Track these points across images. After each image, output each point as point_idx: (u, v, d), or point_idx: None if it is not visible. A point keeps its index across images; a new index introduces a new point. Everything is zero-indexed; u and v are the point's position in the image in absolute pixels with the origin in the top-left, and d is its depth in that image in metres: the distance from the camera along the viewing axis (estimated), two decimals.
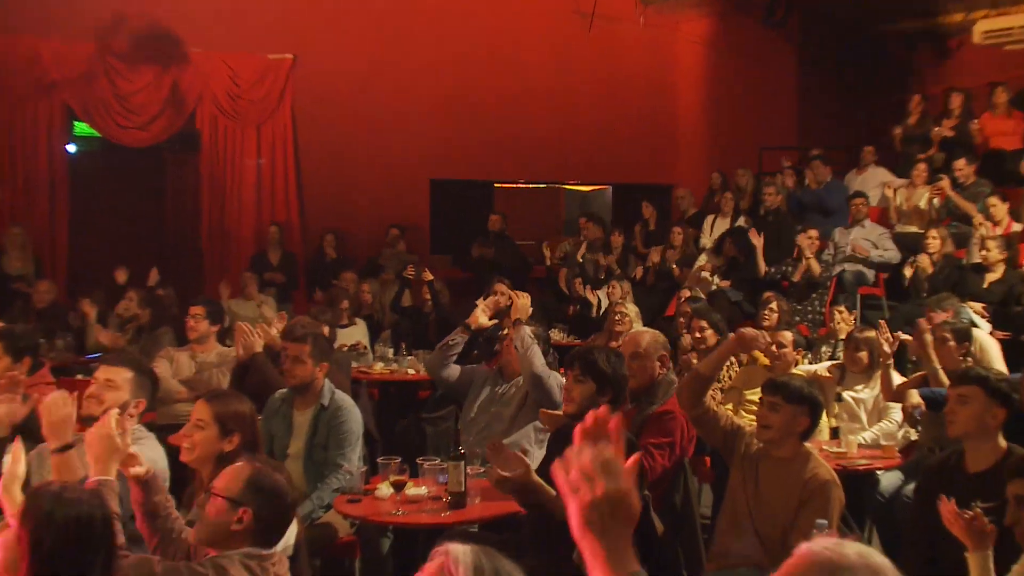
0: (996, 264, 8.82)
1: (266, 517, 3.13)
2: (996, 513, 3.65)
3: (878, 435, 6.30)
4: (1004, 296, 8.61)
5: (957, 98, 11.81)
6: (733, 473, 4.48)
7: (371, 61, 13.40)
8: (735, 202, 12.00)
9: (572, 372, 4.59)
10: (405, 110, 13.53)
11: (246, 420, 3.97)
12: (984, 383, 4.20)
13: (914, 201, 10.88)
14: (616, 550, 1.75)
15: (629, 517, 1.77)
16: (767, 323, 8.16)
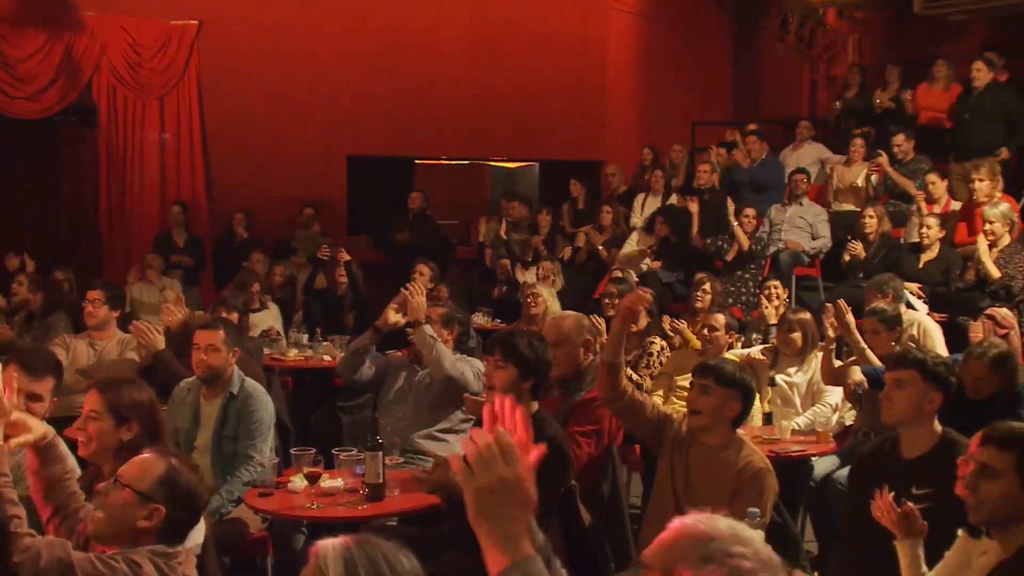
0: (934, 243, 9.02)
1: (177, 518, 3.10)
2: (931, 499, 3.75)
3: (812, 420, 6.41)
4: (941, 276, 8.82)
5: (893, 71, 12.06)
6: (662, 462, 4.53)
7: (284, 29, 13.22)
8: (666, 180, 12.10)
9: (492, 358, 4.59)
10: (320, 82, 13.39)
11: (144, 407, 3.91)
12: (921, 367, 4.25)
13: (850, 178, 11.08)
14: (510, 536, 1.83)
15: (524, 503, 1.85)
16: (699, 305, 8.28)
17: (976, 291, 8.42)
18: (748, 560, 1.83)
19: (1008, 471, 3.00)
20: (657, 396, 6.85)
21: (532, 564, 1.83)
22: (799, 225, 10.46)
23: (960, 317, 8.16)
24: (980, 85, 10.52)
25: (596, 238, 11.63)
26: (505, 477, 1.84)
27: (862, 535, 4.15)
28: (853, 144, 11.13)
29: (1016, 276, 8.32)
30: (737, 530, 1.88)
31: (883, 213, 9.82)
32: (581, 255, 11.61)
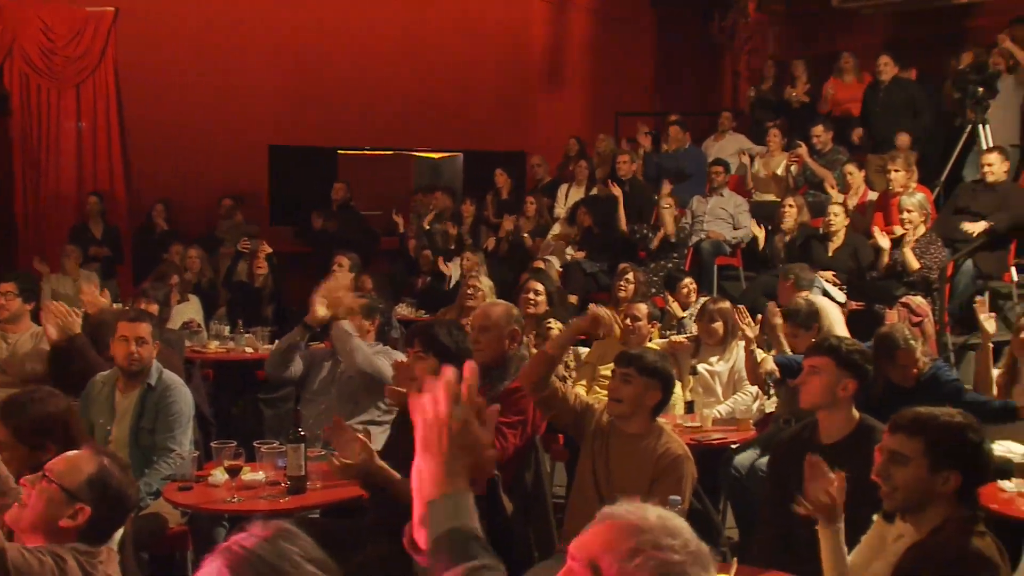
0: (840, 230, 9.18)
1: (102, 519, 3.05)
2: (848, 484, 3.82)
3: (733, 408, 6.50)
4: (849, 263, 8.98)
5: (799, 64, 12.25)
6: (583, 451, 4.57)
7: (203, 16, 13.04)
8: (590, 170, 12.16)
9: (412, 349, 4.58)
10: (242, 71, 13.23)
11: (54, 421, 3.81)
12: (835, 354, 4.33)
13: (771, 168, 11.24)
14: (451, 470, 1.88)
15: (472, 445, 1.90)
16: (623, 294, 8.34)
17: (892, 280, 8.59)
18: (677, 553, 1.82)
19: (917, 456, 3.06)
20: (580, 386, 6.90)
21: (463, 498, 1.87)
22: (720, 216, 10.59)
23: (876, 305, 8.31)
24: (886, 79, 10.73)
25: (525, 224, 11.65)
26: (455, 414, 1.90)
27: (782, 521, 4.21)
28: (770, 135, 11.30)
29: (932, 267, 8.49)
30: (667, 521, 1.87)
31: (802, 203, 9.98)
32: (504, 245, 11.62)
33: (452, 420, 1.90)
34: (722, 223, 10.56)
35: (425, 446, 1.91)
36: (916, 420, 3.12)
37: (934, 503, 3.08)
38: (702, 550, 1.86)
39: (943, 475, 3.05)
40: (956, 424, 3.10)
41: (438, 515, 1.86)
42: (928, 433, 3.08)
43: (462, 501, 1.88)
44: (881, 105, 10.72)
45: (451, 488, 1.87)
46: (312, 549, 1.98)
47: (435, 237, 11.85)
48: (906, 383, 5.65)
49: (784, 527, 4.20)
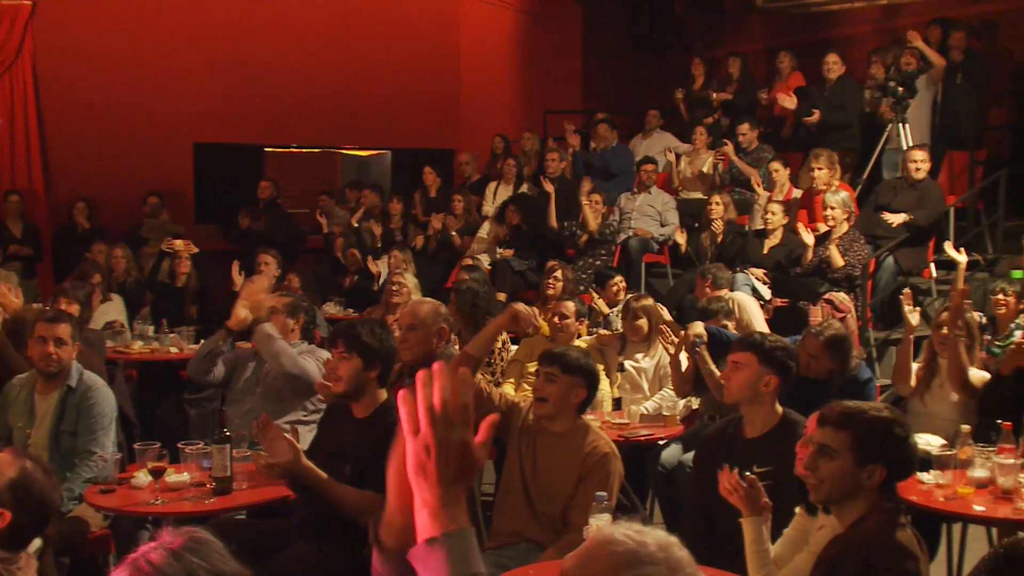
0: (777, 229, 9.30)
1: (23, 524, 2.99)
2: (771, 477, 3.87)
3: (660, 404, 6.55)
4: (783, 261, 9.10)
5: (735, 62, 12.38)
6: (510, 450, 4.58)
7: (126, 9, 12.81)
8: (519, 168, 12.18)
9: (336, 350, 4.56)
10: (166, 65, 13.03)
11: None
12: (758, 350, 4.39)
13: (697, 166, 11.34)
14: (447, 501, 1.72)
15: (470, 468, 1.75)
16: (551, 292, 8.37)
17: (815, 276, 8.72)
18: None
19: (844, 450, 3.11)
20: (508, 384, 6.91)
21: (465, 536, 1.72)
22: (648, 213, 10.67)
23: (800, 302, 8.43)
24: (833, 77, 10.89)
25: (452, 223, 11.63)
26: (453, 437, 1.73)
27: (707, 514, 4.26)
28: (696, 133, 11.41)
29: (855, 264, 8.63)
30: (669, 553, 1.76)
31: (728, 201, 10.08)
32: (433, 243, 11.60)
33: (453, 441, 1.73)
34: (649, 220, 10.64)
35: (421, 471, 1.73)
36: (844, 414, 3.16)
37: (858, 496, 3.12)
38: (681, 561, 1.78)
39: (869, 469, 3.10)
40: (883, 419, 3.15)
41: (444, 556, 1.69)
42: (856, 427, 3.13)
43: (468, 540, 1.72)
44: (824, 103, 10.87)
45: (453, 524, 1.70)
46: (222, 560, 1.87)
47: (363, 235, 11.78)
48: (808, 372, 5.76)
49: (709, 520, 4.25)
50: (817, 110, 10.82)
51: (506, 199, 11.59)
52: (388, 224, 12.09)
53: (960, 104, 10.33)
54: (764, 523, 3.52)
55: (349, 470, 4.32)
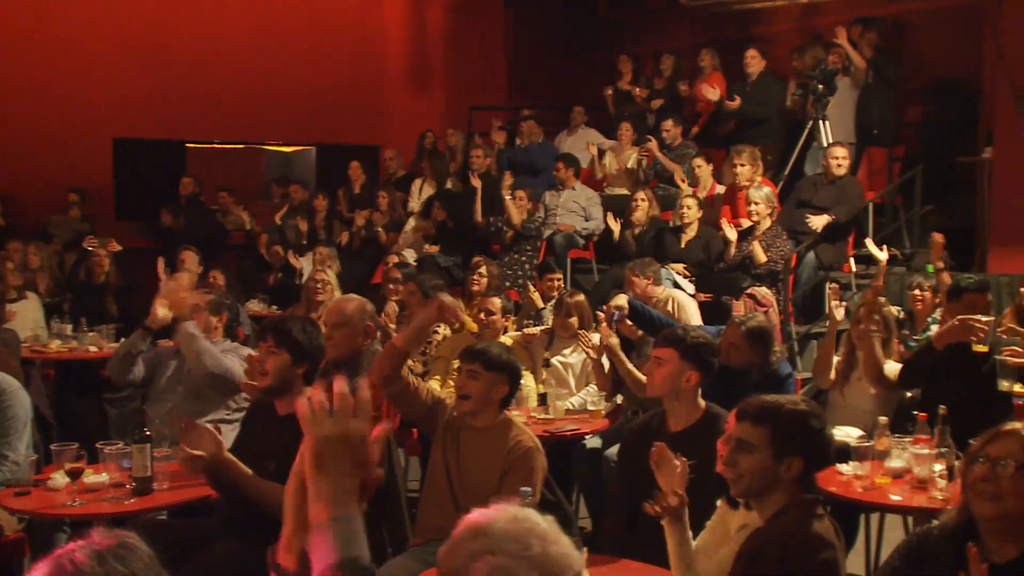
0: (693, 223, 9.40)
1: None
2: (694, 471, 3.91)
3: (585, 399, 6.58)
4: (700, 255, 9.20)
5: (668, 60, 12.47)
6: (435, 445, 4.57)
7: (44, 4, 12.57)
8: (445, 164, 12.16)
9: (265, 344, 4.52)
10: (85, 58, 12.80)
11: None
12: (680, 345, 4.44)
13: (622, 162, 11.41)
14: (342, 490, 1.84)
15: (363, 462, 1.88)
16: (476, 288, 8.37)
17: (738, 271, 8.82)
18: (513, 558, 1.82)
19: (762, 444, 3.14)
20: (434, 380, 6.90)
21: (352, 521, 1.83)
22: (573, 209, 10.71)
23: (723, 296, 8.52)
24: (753, 73, 11.03)
25: (378, 219, 11.58)
26: (353, 430, 1.87)
27: (631, 509, 4.29)
28: (621, 129, 11.48)
29: (777, 259, 8.75)
30: (514, 527, 1.85)
31: (652, 197, 10.16)
32: (358, 240, 11.54)
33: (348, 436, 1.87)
34: (574, 216, 10.68)
35: (318, 463, 1.86)
36: (762, 409, 3.20)
37: (777, 489, 3.16)
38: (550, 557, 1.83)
39: (787, 462, 3.13)
40: (800, 412, 3.19)
41: (330, 539, 1.82)
42: (774, 421, 3.16)
43: (354, 526, 1.84)
44: (745, 99, 11.01)
45: (342, 511, 1.83)
46: (147, 569, 1.86)
47: (287, 232, 11.69)
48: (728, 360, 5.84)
49: (633, 515, 4.28)
50: (738, 96, 10.97)
51: (432, 195, 11.58)
52: (313, 221, 12.00)
53: (876, 102, 10.52)
54: (686, 527, 3.55)
55: (273, 467, 4.28)
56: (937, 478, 4.48)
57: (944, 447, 4.62)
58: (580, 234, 10.57)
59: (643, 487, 3.71)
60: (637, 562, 3.85)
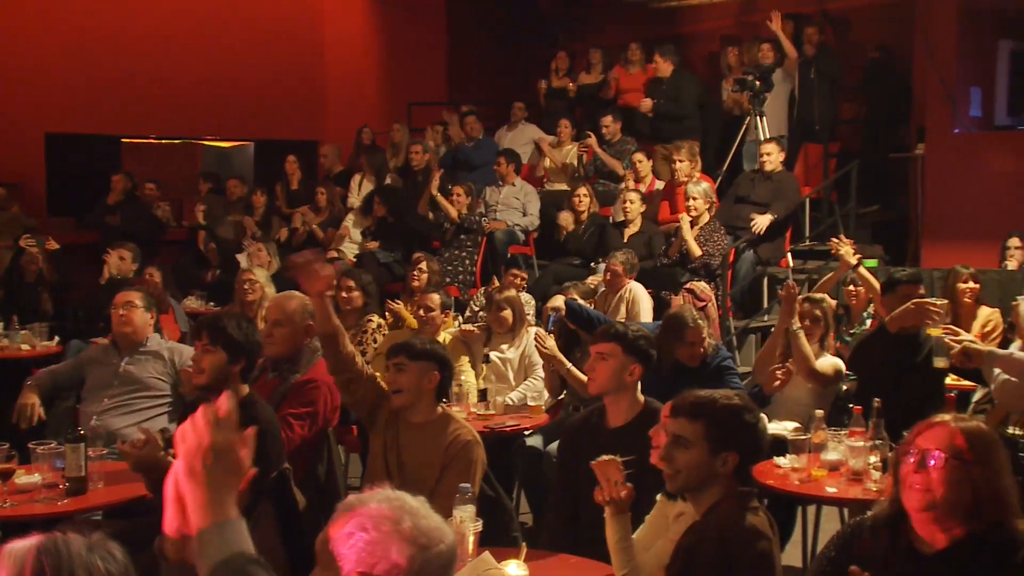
0: (636, 218, 9.46)
1: None
2: (634, 466, 3.93)
3: (525, 394, 6.59)
4: (642, 250, 9.25)
5: (596, 54, 12.53)
6: (374, 442, 4.56)
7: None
8: (383, 160, 12.12)
9: (200, 342, 4.47)
10: (15, 51, 12.57)
11: None
12: (622, 340, 4.45)
13: (562, 158, 11.45)
14: (218, 498, 1.92)
15: (235, 470, 1.96)
16: (416, 284, 8.35)
17: (677, 267, 8.89)
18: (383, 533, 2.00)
19: (698, 439, 3.17)
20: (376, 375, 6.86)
21: (234, 526, 1.91)
22: (513, 205, 10.73)
23: (663, 291, 8.58)
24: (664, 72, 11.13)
25: (312, 218, 11.52)
26: (216, 441, 1.94)
27: (571, 504, 4.31)
28: (560, 125, 11.51)
29: (715, 254, 8.83)
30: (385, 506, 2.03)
31: (592, 192, 10.21)
32: (298, 236, 11.47)
33: (216, 446, 1.94)
34: (514, 212, 10.70)
35: (190, 473, 1.93)
36: (696, 404, 3.22)
37: (713, 483, 3.19)
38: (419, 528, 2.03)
39: (722, 456, 3.16)
40: (734, 407, 3.22)
41: (210, 546, 1.89)
42: (708, 416, 3.19)
43: (234, 529, 1.91)
44: (665, 96, 11.08)
45: (221, 516, 1.91)
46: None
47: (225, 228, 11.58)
48: (692, 362, 5.90)
49: (573, 510, 4.30)
50: (651, 99, 11.07)
51: (372, 191, 11.53)
52: (252, 217, 11.90)
53: (814, 98, 10.64)
54: (628, 519, 3.57)
55: None
56: (871, 470, 4.55)
57: (878, 439, 4.70)
58: (523, 230, 10.59)
59: (583, 483, 3.73)
60: (577, 557, 3.87)
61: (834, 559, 2.95)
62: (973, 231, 9.69)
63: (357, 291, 7.36)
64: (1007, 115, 10.97)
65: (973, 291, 7.19)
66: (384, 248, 10.69)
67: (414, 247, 10.08)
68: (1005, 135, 10.66)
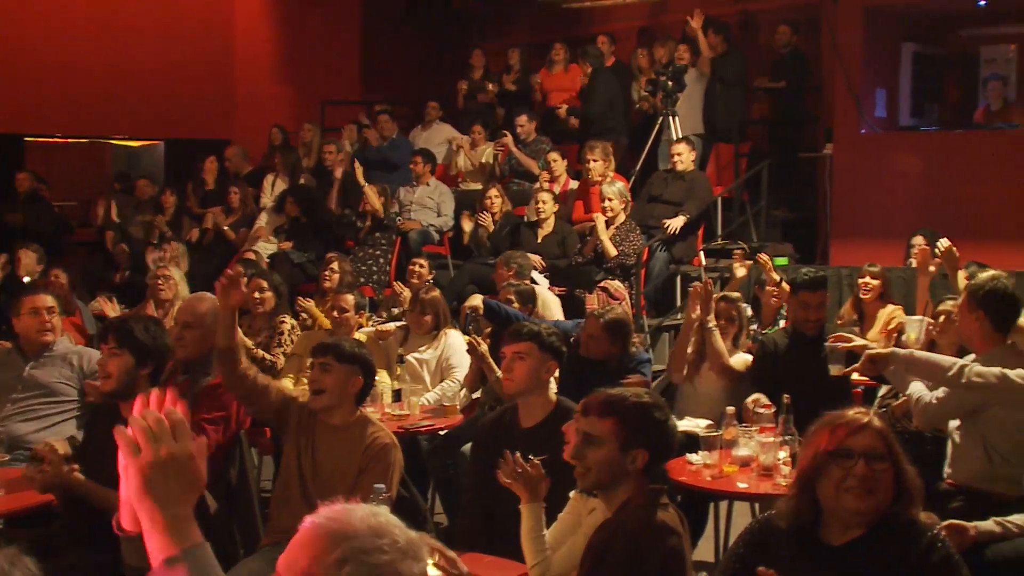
0: (549, 217, 9.50)
1: None
2: (547, 465, 3.95)
3: (441, 395, 6.59)
4: (556, 250, 9.30)
5: (514, 54, 12.57)
6: (287, 445, 4.51)
7: None
8: (297, 159, 12.02)
9: (107, 346, 4.39)
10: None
11: None
12: (537, 338, 4.48)
13: (476, 158, 11.45)
14: (177, 518, 1.76)
15: (193, 483, 1.80)
16: (328, 284, 8.30)
17: (592, 266, 8.95)
18: (386, 553, 1.76)
19: (608, 437, 3.19)
20: (288, 379, 6.81)
21: (202, 551, 1.76)
22: (427, 205, 10.72)
23: (577, 290, 8.64)
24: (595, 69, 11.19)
25: (223, 219, 11.37)
26: (175, 453, 1.78)
27: (486, 504, 4.31)
28: (476, 125, 11.52)
29: (630, 253, 8.90)
30: (373, 523, 1.79)
31: (503, 192, 10.24)
32: (209, 236, 11.32)
33: (174, 457, 1.79)
34: (429, 212, 10.69)
35: (146, 491, 1.77)
36: (606, 402, 3.25)
37: (624, 480, 3.21)
38: (412, 542, 1.80)
39: (632, 454, 3.19)
40: (643, 404, 3.25)
41: (183, 574, 1.73)
42: (618, 414, 3.21)
43: (204, 554, 1.76)
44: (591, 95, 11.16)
45: (187, 542, 1.75)
46: None
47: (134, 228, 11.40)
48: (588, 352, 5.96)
49: (487, 509, 4.30)
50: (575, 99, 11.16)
51: (284, 190, 11.43)
52: (162, 217, 11.72)
53: (724, 98, 10.79)
54: (542, 510, 3.59)
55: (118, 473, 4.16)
56: (781, 465, 4.62)
57: (788, 435, 4.78)
58: (438, 230, 10.57)
59: (496, 483, 3.73)
60: (491, 556, 3.87)
61: (743, 555, 2.99)
62: (879, 230, 9.90)
63: (269, 292, 7.29)
64: (910, 116, 11.24)
65: (876, 289, 7.32)
66: (297, 248, 10.60)
67: (328, 247, 10.01)
68: (909, 135, 10.92)
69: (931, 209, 9.75)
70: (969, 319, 4.73)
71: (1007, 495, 4.47)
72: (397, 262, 10.23)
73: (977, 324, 4.68)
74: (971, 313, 4.71)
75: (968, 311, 4.73)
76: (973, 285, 4.82)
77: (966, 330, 4.78)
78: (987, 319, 4.67)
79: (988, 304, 4.67)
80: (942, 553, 2.82)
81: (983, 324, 4.67)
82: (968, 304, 4.74)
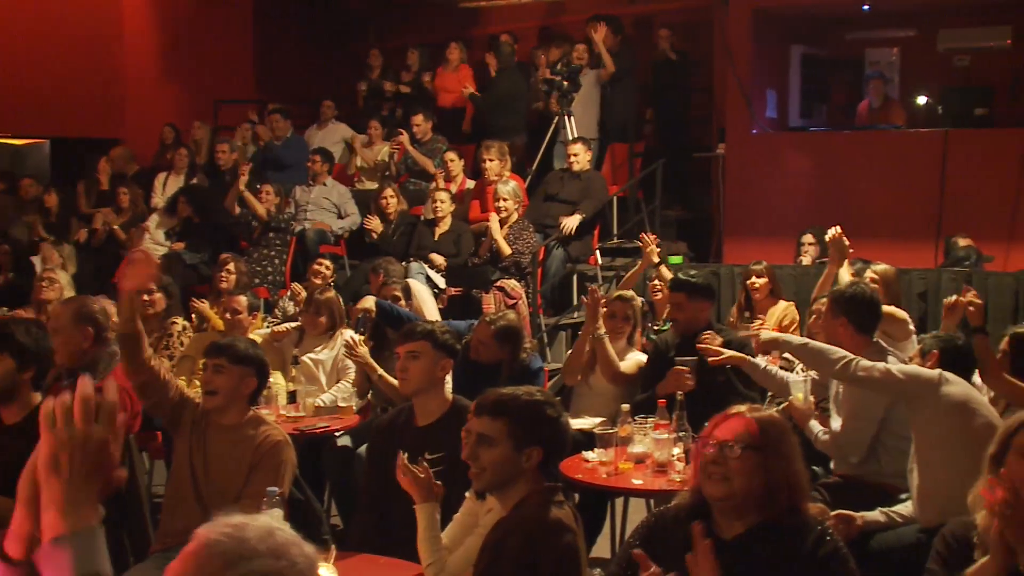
0: (446, 216, 9.48)
1: None
2: (442, 463, 3.94)
3: (336, 396, 6.53)
4: (452, 249, 9.29)
5: (413, 54, 12.53)
6: (179, 445, 4.44)
7: None
8: (190, 159, 11.81)
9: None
10: None
11: None
12: (431, 337, 4.48)
13: (373, 157, 11.39)
14: (77, 500, 1.75)
15: (100, 468, 1.79)
16: (224, 285, 8.18)
17: (488, 265, 8.95)
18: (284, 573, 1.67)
19: (502, 437, 3.19)
20: (180, 380, 6.67)
21: (91, 536, 1.74)
22: (324, 206, 10.61)
23: (473, 290, 8.63)
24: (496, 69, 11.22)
25: (113, 219, 11.12)
26: (90, 434, 1.79)
27: (380, 504, 4.29)
28: (371, 124, 11.45)
29: (525, 252, 8.92)
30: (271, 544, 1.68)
31: (398, 192, 10.20)
32: (97, 237, 11.06)
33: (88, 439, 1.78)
34: (326, 213, 10.59)
35: (53, 467, 1.77)
36: (499, 402, 3.25)
37: (519, 479, 3.22)
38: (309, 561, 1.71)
39: (527, 452, 3.19)
40: (536, 402, 3.26)
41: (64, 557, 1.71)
42: (510, 413, 3.21)
43: (93, 539, 1.75)
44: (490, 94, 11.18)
45: (80, 523, 1.74)
46: None
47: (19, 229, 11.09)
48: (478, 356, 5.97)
49: (382, 510, 4.28)
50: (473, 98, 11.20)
51: (177, 190, 11.22)
52: (48, 218, 11.42)
53: (618, 99, 10.88)
54: (436, 510, 3.58)
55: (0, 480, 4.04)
56: (676, 461, 4.68)
57: (682, 431, 4.84)
58: (335, 232, 10.49)
59: (392, 484, 3.71)
60: (386, 557, 3.85)
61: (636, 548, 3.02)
62: (771, 228, 10.09)
63: (159, 293, 7.15)
64: (799, 116, 11.49)
65: (764, 287, 7.42)
66: (190, 249, 10.42)
67: (221, 247, 9.85)
68: (798, 135, 11.15)
69: (821, 207, 9.97)
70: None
71: (894, 486, 4.61)
72: (292, 262, 10.12)
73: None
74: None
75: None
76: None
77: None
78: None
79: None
80: (830, 547, 2.89)
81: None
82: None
